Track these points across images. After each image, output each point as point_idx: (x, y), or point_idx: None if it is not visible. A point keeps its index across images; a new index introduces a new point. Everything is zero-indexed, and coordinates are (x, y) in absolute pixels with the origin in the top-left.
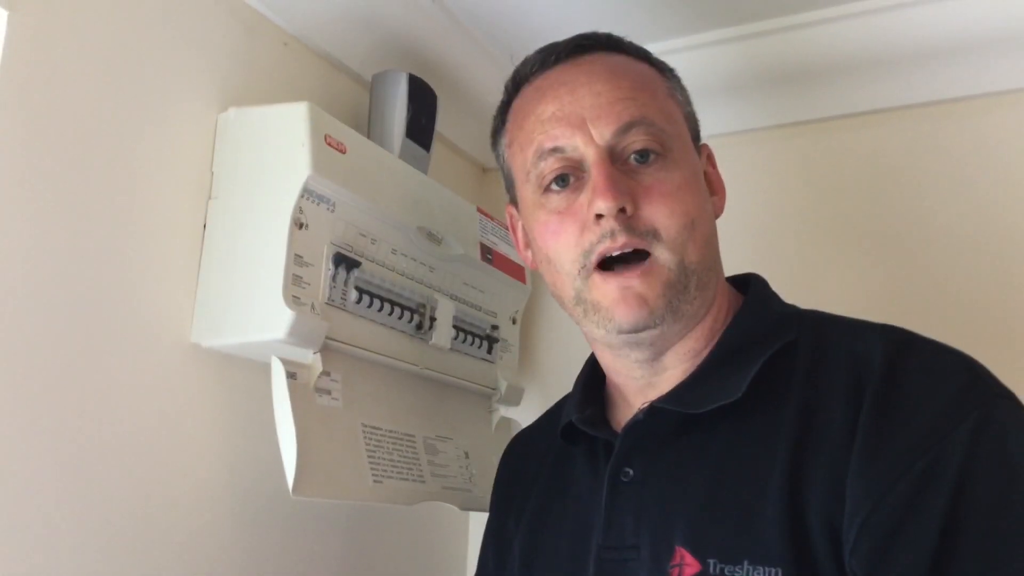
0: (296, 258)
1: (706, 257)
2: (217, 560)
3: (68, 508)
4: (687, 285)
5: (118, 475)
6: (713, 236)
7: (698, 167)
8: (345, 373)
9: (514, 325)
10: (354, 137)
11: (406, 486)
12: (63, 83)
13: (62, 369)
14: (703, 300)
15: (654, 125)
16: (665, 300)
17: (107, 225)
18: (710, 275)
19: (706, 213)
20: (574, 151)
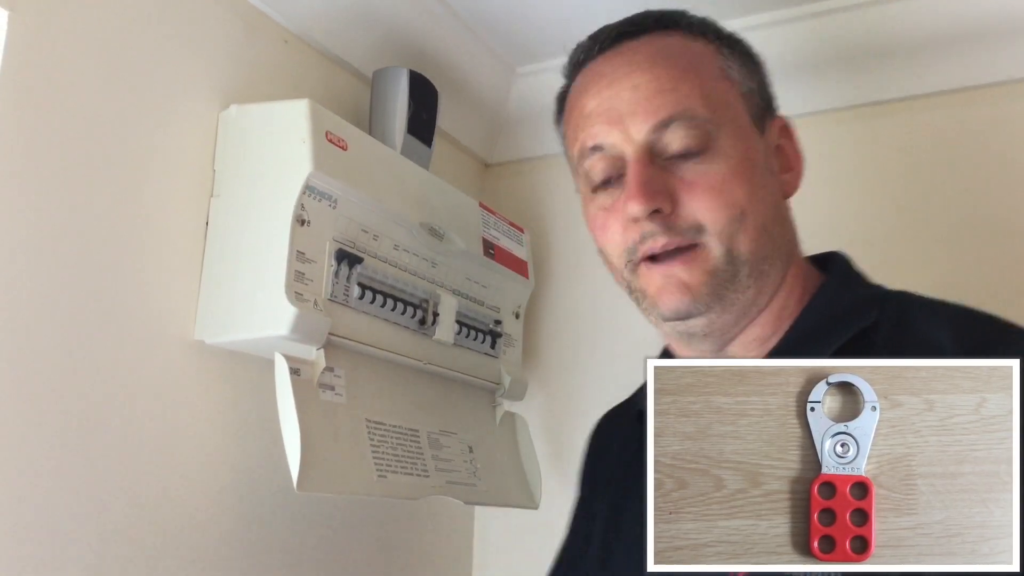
0: (298, 255)
1: (762, 246)
2: (221, 555)
3: (72, 504)
4: (736, 275)
5: (122, 472)
6: (774, 221)
7: (754, 149)
8: (349, 369)
9: (517, 320)
10: (355, 133)
11: (410, 480)
12: (64, 83)
13: (66, 367)
14: (761, 288)
15: (695, 118)
16: (709, 288)
17: (110, 224)
18: (770, 263)
19: (762, 199)
20: (613, 148)
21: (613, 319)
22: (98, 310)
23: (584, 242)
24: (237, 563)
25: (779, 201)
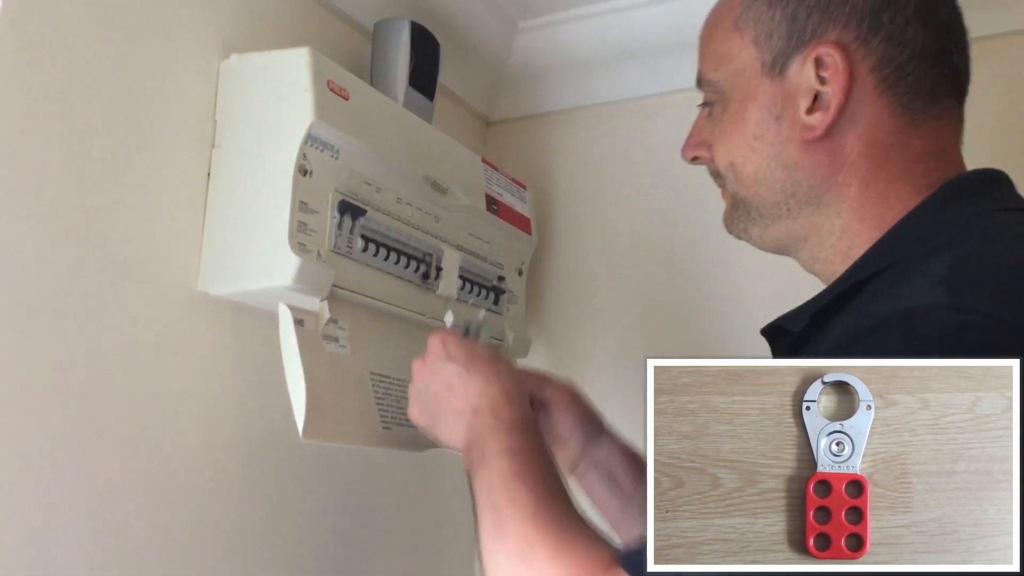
0: (301, 205)
1: (762, 193)
2: (227, 507)
3: (75, 458)
4: (748, 212)
5: (126, 424)
6: (775, 169)
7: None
8: (352, 321)
9: (520, 276)
10: (357, 83)
11: (415, 433)
12: (63, 34)
13: (69, 320)
14: (784, 229)
15: (707, 81)
16: (731, 220)
17: (111, 176)
18: (786, 207)
19: (755, 150)
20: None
21: (616, 276)
22: (101, 263)
23: (587, 199)
24: (243, 515)
25: (783, 148)
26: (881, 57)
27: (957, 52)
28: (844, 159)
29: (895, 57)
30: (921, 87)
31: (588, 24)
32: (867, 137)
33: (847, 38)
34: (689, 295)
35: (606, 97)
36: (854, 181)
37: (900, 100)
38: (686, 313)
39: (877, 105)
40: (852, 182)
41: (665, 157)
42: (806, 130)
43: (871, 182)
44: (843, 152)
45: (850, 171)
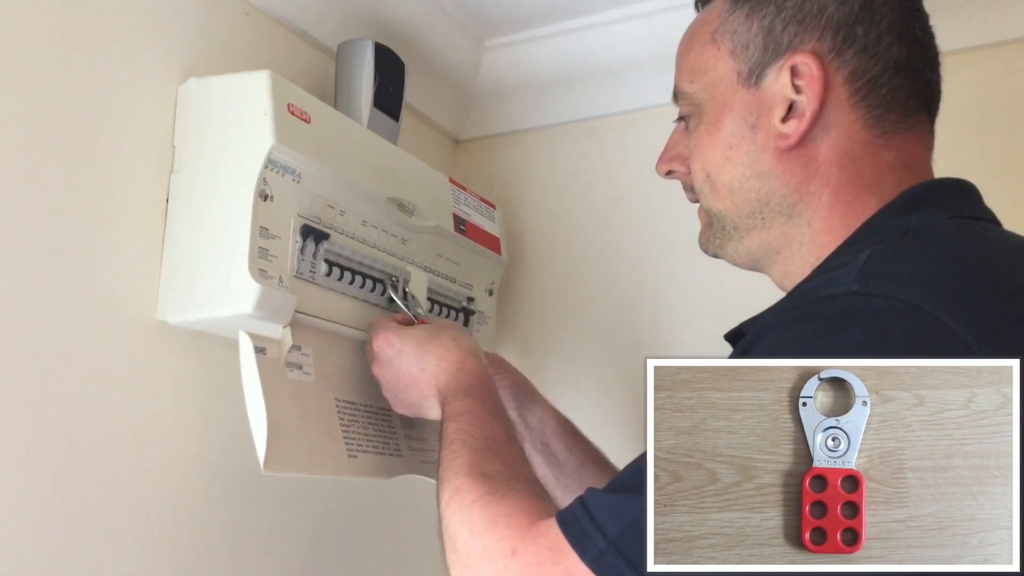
0: (262, 230)
1: (737, 204)
2: (188, 539)
3: (33, 489)
4: (723, 228)
5: (85, 456)
6: (750, 178)
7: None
8: (317, 347)
9: (490, 297)
10: (318, 106)
11: (382, 460)
12: (19, 56)
13: (25, 350)
14: (758, 240)
15: (683, 94)
16: (706, 239)
17: (67, 203)
18: (761, 216)
19: (731, 160)
20: None
21: (587, 296)
22: (57, 292)
23: (558, 218)
24: (205, 546)
25: (758, 157)
26: (855, 69)
27: (929, 68)
28: (816, 168)
29: (869, 69)
30: (894, 100)
31: (556, 43)
32: (839, 147)
33: (822, 49)
34: (660, 312)
35: (575, 115)
36: (825, 191)
37: (873, 112)
38: (657, 330)
39: (850, 116)
40: (823, 191)
41: (635, 174)
42: (781, 138)
43: (841, 192)
44: (816, 161)
45: (822, 180)
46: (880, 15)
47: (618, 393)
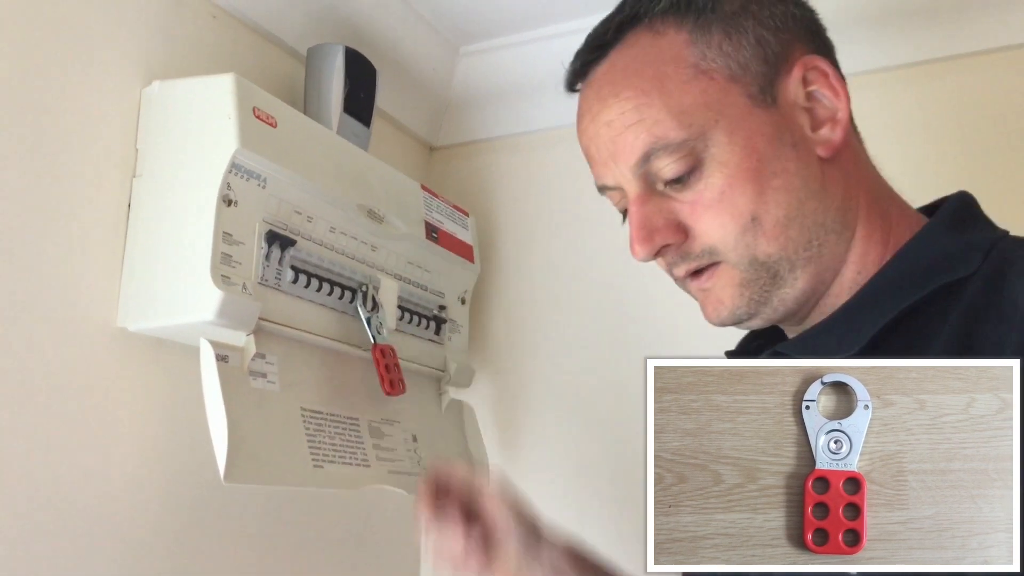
0: (225, 236)
1: (792, 237)
2: (148, 550)
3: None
4: (774, 275)
5: (43, 465)
6: (803, 202)
7: (758, 135)
8: (282, 355)
9: (463, 305)
10: (285, 110)
11: (349, 471)
12: None
13: None
14: (812, 273)
15: (670, 144)
16: (745, 298)
17: (28, 206)
18: (817, 243)
19: (778, 188)
20: (616, 185)
21: (561, 305)
22: (15, 298)
23: (532, 226)
24: (165, 557)
25: (808, 173)
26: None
27: None
28: (850, 171)
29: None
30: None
31: (531, 50)
32: (853, 146)
33: (810, 49)
34: (635, 322)
35: (550, 123)
36: (861, 193)
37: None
38: (631, 340)
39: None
40: (859, 195)
41: None
42: (824, 147)
43: (871, 190)
44: (847, 164)
45: (855, 183)
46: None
47: (592, 400)
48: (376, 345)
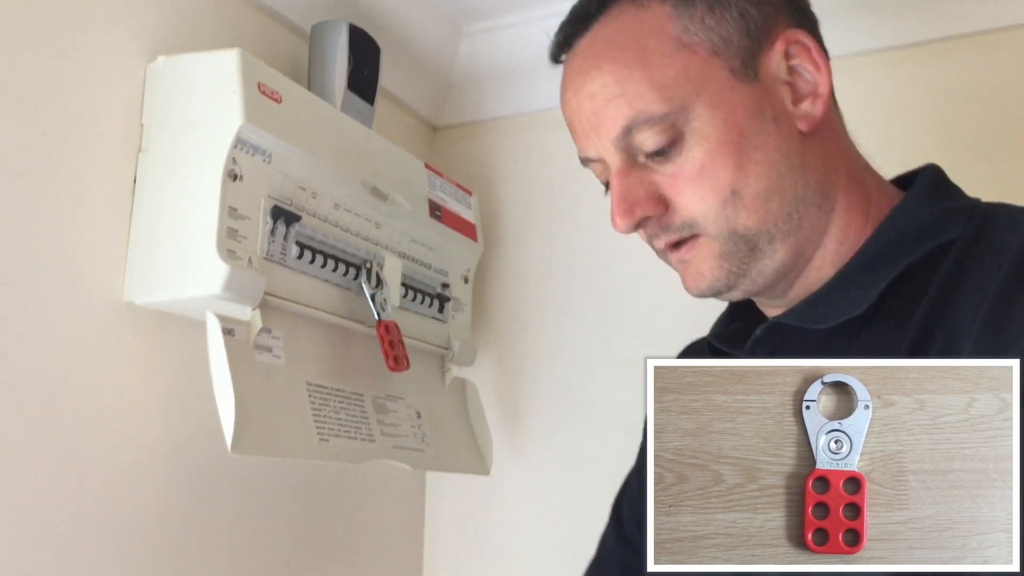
0: (231, 211)
1: (772, 210)
2: (157, 523)
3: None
4: (753, 248)
5: (50, 439)
6: (783, 176)
7: (739, 109)
8: (287, 330)
9: (466, 284)
10: (290, 86)
11: (354, 445)
12: None
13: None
14: (792, 245)
15: (651, 118)
16: (724, 270)
17: (33, 182)
18: (797, 215)
19: (758, 162)
20: (598, 157)
21: (564, 284)
22: (22, 273)
23: (535, 206)
24: (172, 530)
25: (789, 147)
26: (816, 41)
27: None
28: (830, 144)
29: (821, 43)
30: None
31: (534, 29)
32: (833, 119)
33: (794, 23)
34: (637, 301)
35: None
36: (841, 167)
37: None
38: (635, 318)
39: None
40: (840, 167)
41: None
42: (804, 121)
43: (850, 163)
44: (828, 137)
45: (836, 156)
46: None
47: (595, 379)
48: (380, 321)
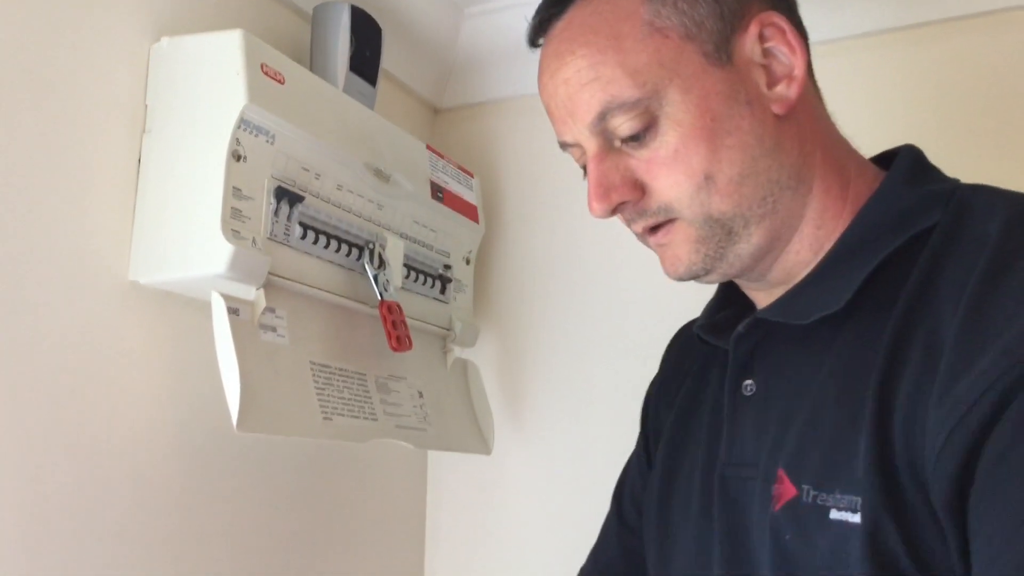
0: (235, 191)
1: (745, 195)
2: (160, 501)
3: (2, 455)
4: (728, 232)
5: (55, 419)
6: (757, 160)
7: (712, 94)
8: (291, 310)
9: (468, 265)
10: (293, 67)
11: (357, 424)
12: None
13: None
14: (767, 229)
15: (625, 103)
16: (701, 255)
17: (38, 163)
18: (772, 200)
19: (732, 147)
20: (575, 142)
21: (565, 266)
22: (27, 252)
23: (537, 188)
24: (177, 509)
25: (763, 131)
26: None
27: None
28: (805, 127)
29: (798, 25)
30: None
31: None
32: (808, 101)
33: (768, 6)
34: (638, 283)
35: None
36: (817, 149)
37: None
38: (635, 300)
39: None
40: (816, 150)
41: None
42: (779, 104)
43: (827, 147)
44: (802, 120)
45: (811, 139)
46: None
47: (596, 360)
48: (383, 302)
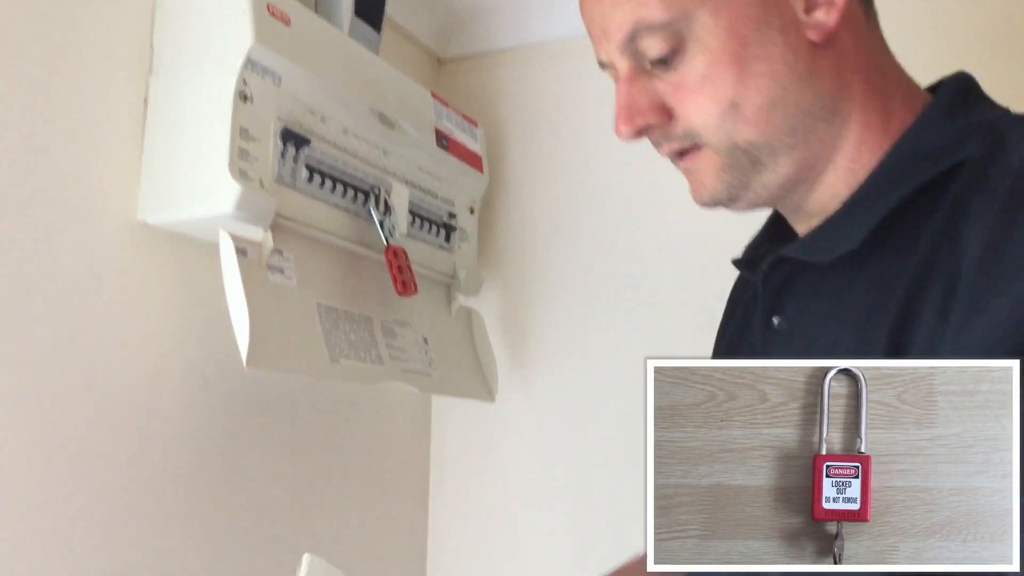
0: (242, 131)
1: (774, 124)
2: (171, 442)
3: (10, 396)
4: (754, 161)
5: (64, 358)
6: (788, 89)
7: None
8: (298, 252)
9: (472, 215)
10: (299, 9)
11: (364, 367)
12: None
13: (4, 250)
14: (797, 159)
15: (654, 24)
16: (725, 183)
17: (45, 104)
18: (803, 130)
19: (762, 74)
20: (610, 64)
21: (569, 217)
22: (36, 193)
23: (541, 139)
24: (186, 449)
25: (795, 59)
26: None
27: None
28: (845, 55)
29: None
30: None
31: None
32: (852, 26)
33: None
34: (641, 232)
35: (561, 34)
36: (855, 79)
37: None
38: (638, 248)
39: None
40: (854, 80)
41: None
42: (816, 31)
43: (869, 77)
44: (842, 47)
45: (851, 68)
46: None
47: (600, 308)
48: (389, 246)
